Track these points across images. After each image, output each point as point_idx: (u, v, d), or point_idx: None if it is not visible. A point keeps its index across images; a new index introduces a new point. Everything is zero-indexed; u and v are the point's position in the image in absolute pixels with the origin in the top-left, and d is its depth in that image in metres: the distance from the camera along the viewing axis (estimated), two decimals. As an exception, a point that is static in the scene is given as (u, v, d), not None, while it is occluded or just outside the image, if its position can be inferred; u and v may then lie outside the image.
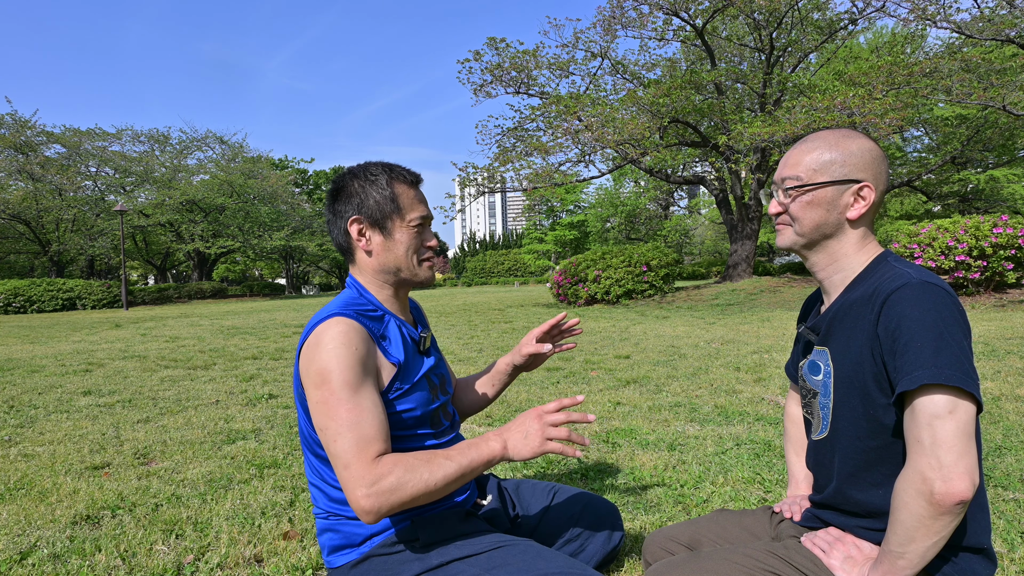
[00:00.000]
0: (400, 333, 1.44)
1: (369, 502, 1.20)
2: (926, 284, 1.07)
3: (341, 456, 1.24)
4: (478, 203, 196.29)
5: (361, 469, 1.22)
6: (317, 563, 1.94)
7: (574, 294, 14.27)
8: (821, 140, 1.22)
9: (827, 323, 1.24)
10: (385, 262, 1.43)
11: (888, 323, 1.08)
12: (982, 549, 1.14)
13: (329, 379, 1.25)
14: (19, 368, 6.64)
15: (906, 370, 1.04)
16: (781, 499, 2.37)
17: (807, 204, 1.21)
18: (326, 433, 1.26)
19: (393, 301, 1.48)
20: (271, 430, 3.69)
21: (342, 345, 1.27)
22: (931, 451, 1.00)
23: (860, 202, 1.19)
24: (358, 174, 1.45)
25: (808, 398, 1.33)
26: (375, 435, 1.26)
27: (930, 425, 1.00)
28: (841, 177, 1.19)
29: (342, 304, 1.38)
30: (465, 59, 15.62)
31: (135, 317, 16.84)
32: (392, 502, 1.21)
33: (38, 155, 29.31)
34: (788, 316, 9.68)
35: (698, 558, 1.26)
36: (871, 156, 1.19)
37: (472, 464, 1.28)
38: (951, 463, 0.98)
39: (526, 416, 1.31)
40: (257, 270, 57.60)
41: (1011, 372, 4.54)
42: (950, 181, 22.98)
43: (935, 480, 0.99)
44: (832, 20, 15.39)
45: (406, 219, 1.43)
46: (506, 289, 33.44)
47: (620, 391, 4.48)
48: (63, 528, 2.27)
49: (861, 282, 1.19)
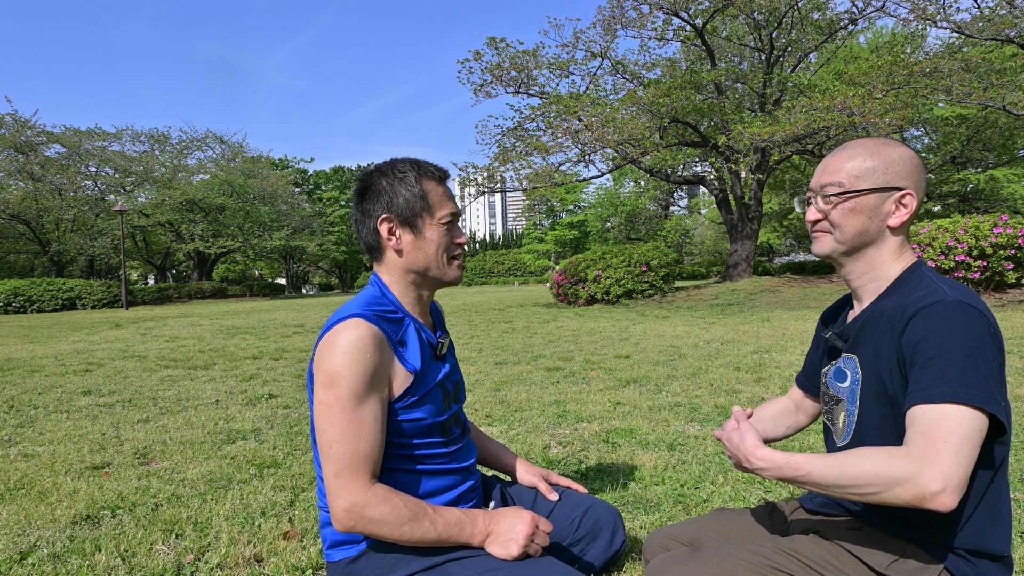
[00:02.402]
0: (418, 337, 1.42)
1: (348, 519, 1.26)
2: (960, 304, 1.06)
3: (335, 462, 1.26)
4: (478, 203, 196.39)
5: (352, 485, 1.26)
6: (317, 563, 1.94)
7: (574, 294, 14.27)
8: (862, 147, 1.21)
9: (857, 330, 1.23)
10: (415, 261, 1.41)
11: (913, 335, 1.07)
12: (1001, 557, 1.14)
13: (337, 384, 1.26)
14: (19, 368, 6.64)
15: (929, 384, 1.03)
16: (781, 498, 2.37)
17: (849, 211, 1.20)
18: (324, 436, 1.28)
19: (416, 304, 1.46)
20: (271, 430, 3.70)
21: (357, 351, 1.27)
22: (954, 457, 0.97)
23: (902, 210, 1.19)
24: (386, 171, 1.42)
25: (831, 405, 1.32)
26: (370, 454, 1.28)
27: (956, 433, 0.99)
28: (884, 184, 1.18)
29: (363, 303, 1.37)
30: (465, 59, 15.63)
31: (135, 317, 16.84)
32: (365, 530, 1.28)
33: (38, 155, 29.30)
34: (788, 316, 9.68)
35: (701, 554, 1.25)
36: (912, 164, 1.19)
37: (450, 540, 1.33)
38: (961, 480, 0.97)
39: (518, 518, 1.36)
40: (257, 270, 57.60)
41: (1011, 372, 4.54)
42: (950, 181, 23.02)
43: (942, 487, 0.97)
44: (832, 20, 15.39)
45: (436, 216, 1.41)
46: (506, 289, 33.43)
47: (620, 391, 4.48)
48: (63, 528, 2.27)
49: (894, 291, 1.19)
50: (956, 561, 1.12)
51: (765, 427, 1.54)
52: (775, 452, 1.14)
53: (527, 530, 1.33)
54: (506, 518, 1.35)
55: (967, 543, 1.11)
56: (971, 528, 1.11)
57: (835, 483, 1.05)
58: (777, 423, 1.55)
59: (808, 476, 1.08)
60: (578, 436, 3.35)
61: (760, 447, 1.17)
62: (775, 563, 1.18)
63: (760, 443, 1.19)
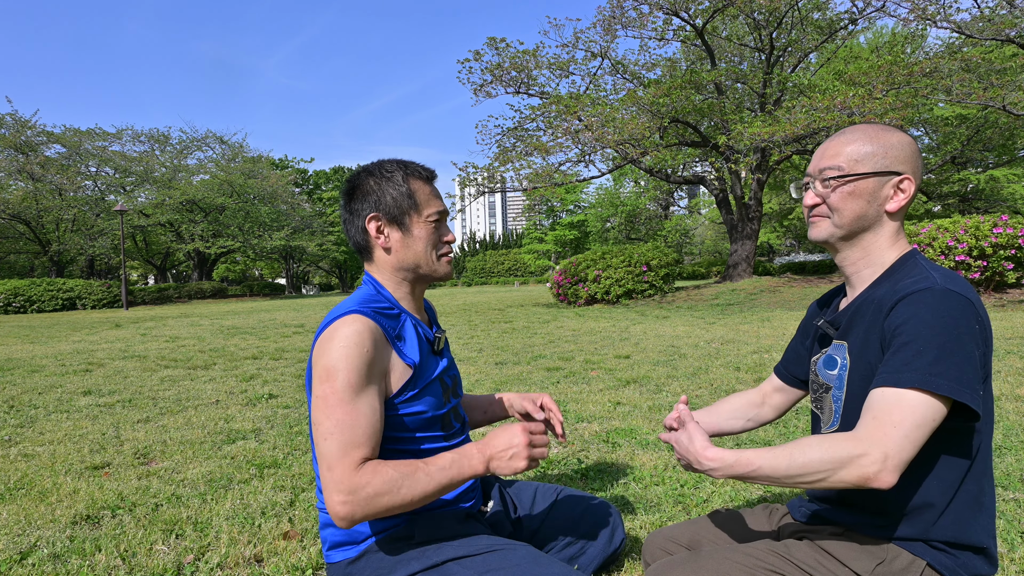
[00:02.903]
0: (416, 333, 1.43)
1: (345, 509, 1.22)
2: (948, 292, 1.07)
3: (327, 457, 1.24)
4: (478, 203, 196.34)
5: (342, 474, 1.22)
6: (317, 563, 1.94)
7: (574, 294, 14.27)
8: (860, 132, 1.22)
9: (848, 317, 1.23)
10: (404, 258, 1.43)
11: (896, 319, 1.08)
12: (983, 549, 1.14)
13: (334, 377, 1.25)
14: (19, 368, 6.64)
15: (897, 368, 1.04)
16: (780, 499, 2.38)
17: (848, 195, 1.20)
18: (319, 429, 1.26)
19: (410, 299, 1.48)
20: (271, 430, 3.70)
21: (354, 345, 1.27)
22: (900, 442, 1.00)
23: (900, 195, 1.19)
24: (373, 171, 1.44)
25: (820, 392, 1.32)
26: (363, 440, 1.26)
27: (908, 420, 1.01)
28: (883, 168, 1.18)
29: (360, 301, 1.38)
30: (465, 59, 15.63)
31: (135, 317, 16.84)
32: (367, 511, 1.23)
33: (38, 155, 29.30)
34: (788, 316, 9.68)
35: (698, 557, 1.26)
36: (911, 150, 1.20)
37: (451, 481, 1.29)
38: (902, 461, 1.01)
39: (511, 432, 1.31)
40: (257, 270, 57.61)
41: (1011, 372, 4.54)
42: (950, 181, 23.01)
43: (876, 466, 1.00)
44: (832, 20, 15.39)
45: (424, 214, 1.43)
46: (506, 289, 33.44)
47: (620, 391, 4.48)
48: (63, 528, 2.27)
49: (887, 279, 1.20)
50: (936, 555, 1.12)
51: (720, 421, 1.53)
52: (725, 451, 1.13)
53: (524, 439, 1.30)
54: (498, 438, 1.31)
55: (947, 535, 1.12)
56: (950, 519, 1.12)
57: (785, 474, 1.06)
58: (736, 416, 1.54)
59: (759, 471, 1.08)
60: (578, 436, 3.35)
61: (709, 447, 1.16)
62: (771, 565, 1.19)
63: (708, 443, 1.17)
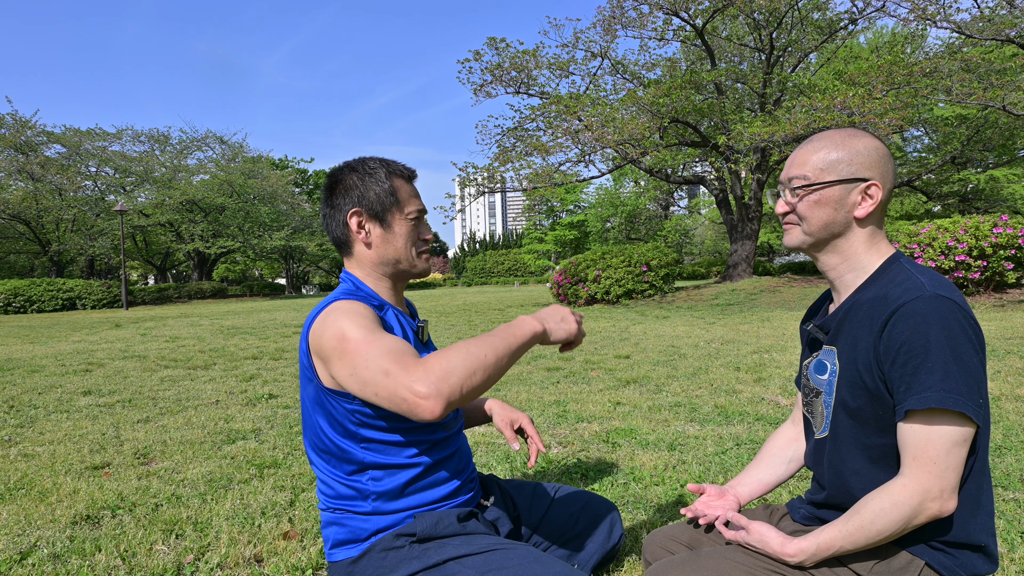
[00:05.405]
0: (399, 322, 1.45)
1: (426, 388, 1.10)
2: (939, 298, 1.07)
3: (376, 371, 1.16)
4: (478, 203, 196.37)
5: (403, 370, 1.14)
6: (317, 563, 1.94)
7: (574, 294, 14.27)
8: (827, 139, 1.22)
9: (836, 322, 1.24)
10: (385, 254, 1.45)
11: (896, 335, 1.09)
12: (981, 547, 1.14)
13: (347, 334, 1.24)
14: (19, 368, 6.64)
15: (915, 389, 1.06)
16: (780, 498, 2.37)
17: (815, 203, 1.21)
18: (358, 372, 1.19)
19: (391, 293, 1.49)
20: (271, 430, 3.70)
21: (354, 313, 1.29)
22: (944, 472, 1.06)
23: (868, 200, 1.19)
24: (356, 168, 1.46)
25: (810, 397, 1.33)
26: (407, 349, 1.20)
27: (942, 449, 1.06)
28: (848, 176, 1.19)
29: (341, 295, 1.39)
30: (465, 59, 15.63)
31: (135, 317, 16.84)
32: (451, 384, 1.11)
33: (38, 155, 29.30)
34: (788, 316, 9.68)
35: (699, 557, 1.26)
36: (878, 155, 1.20)
37: (517, 341, 1.23)
38: (954, 487, 1.07)
39: (556, 307, 1.36)
40: (257, 270, 57.59)
41: (1011, 372, 4.54)
42: (950, 181, 22.98)
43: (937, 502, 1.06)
44: (832, 20, 15.39)
45: (405, 211, 1.45)
46: (506, 289, 33.44)
47: (620, 391, 4.48)
48: (63, 528, 2.27)
49: (873, 283, 1.20)
50: (935, 555, 1.13)
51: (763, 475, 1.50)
52: (803, 541, 1.16)
53: (567, 310, 1.36)
54: (545, 310, 1.36)
55: (945, 534, 1.13)
56: (948, 518, 1.13)
57: (867, 545, 1.12)
58: (777, 462, 1.50)
59: (842, 550, 1.13)
60: (578, 436, 3.35)
61: (786, 543, 1.18)
62: (770, 566, 1.19)
63: (782, 538, 1.19)
